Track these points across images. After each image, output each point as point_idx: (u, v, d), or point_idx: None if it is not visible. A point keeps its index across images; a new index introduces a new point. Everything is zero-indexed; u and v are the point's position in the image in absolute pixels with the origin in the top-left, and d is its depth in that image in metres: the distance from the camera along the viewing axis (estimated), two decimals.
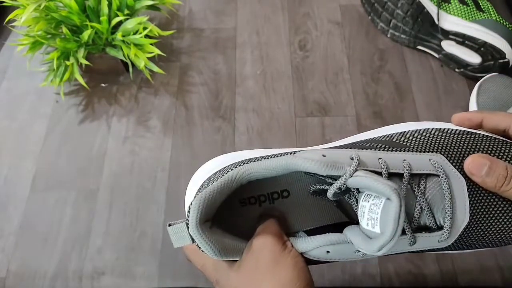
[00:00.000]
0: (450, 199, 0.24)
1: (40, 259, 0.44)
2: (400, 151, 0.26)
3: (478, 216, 0.25)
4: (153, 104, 0.54)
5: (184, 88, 0.55)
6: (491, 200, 0.25)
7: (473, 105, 0.50)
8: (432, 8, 0.52)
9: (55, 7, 0.48)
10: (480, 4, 0.51)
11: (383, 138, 0.28)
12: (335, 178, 0.24)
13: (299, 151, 0.27)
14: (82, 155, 0.50)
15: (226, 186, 0.25)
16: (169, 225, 0.25)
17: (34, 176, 0.48)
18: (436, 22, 0.52)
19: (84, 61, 0.48)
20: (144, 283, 0.43)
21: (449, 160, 0.25)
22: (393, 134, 0.28)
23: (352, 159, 0.24)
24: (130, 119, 0.52)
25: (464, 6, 0.51)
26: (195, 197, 0.24)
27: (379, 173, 0.24)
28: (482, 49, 0.50)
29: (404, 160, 0.25)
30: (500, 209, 0.25)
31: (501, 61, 0.50)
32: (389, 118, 0.52)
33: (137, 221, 0.46)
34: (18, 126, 0.52)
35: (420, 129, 0.28)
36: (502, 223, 0.25)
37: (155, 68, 0.51)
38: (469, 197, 0.24)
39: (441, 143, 0.26)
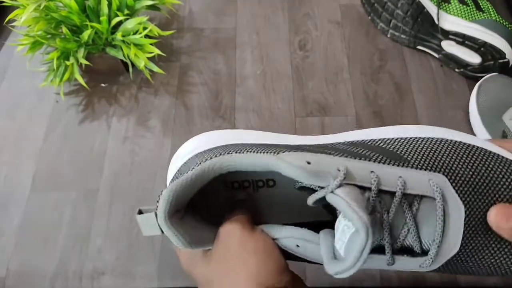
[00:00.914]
0: (442, 226, 0.22)
1: (40, 259, 0.44)
2: (397, 165, 0.23)
3: (470, 248, 0.23)
4: (153, 104, 0.54)
5: (184, 88, 0.55)
6: (489, 232, 0.23)
7: (473, 105, 0.50)
8: (432, 8, 0.52)
9: (55, 7, 0.48)
10: (480, 4, 0.51)
11: (382, 143, 0.26)
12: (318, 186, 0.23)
13: (286, 146, 0.26)
14: (82, 155, 0.50)
15: (201, 176, 0.23)
16: (140, 212, 0.24)
17: (34, 176, 0.48)
18: (436, 22, 0.52)
19: (84, 61, 0.48)
20: (144, 283, 0.43)
21: (451, 183, 0.23)
22: (394, 139, 0.26)
23: (339, 170, 0.22)
24: (130, 119, 0.52)
25: (464, 6, 0.51)
26: (168, 186, 0.23)
27: (368, 189, 0.22)
28: (482, 49, 0.50)
29: (400, 177, 0.22)
30: (496, 243, 0.23)
31: (501, 61, 0.50)
32: (389, 118, 0.52)
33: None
34: (18, 126, 0.52)
35: (425, 138, 0.26)
36: (496, 258, 0.23)
37: (155, 68, 0.51)
38: (464, 227, 0.22)
39: (446, 161, 0.24)
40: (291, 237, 0.24)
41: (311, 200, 0.23)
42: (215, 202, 0.28)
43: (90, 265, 0.43)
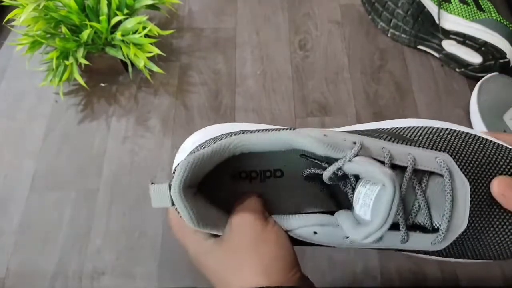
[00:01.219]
0: (451, 201, 0.23)
1: (40, 259, 0.44)
2: (406, 144, 0.24)
3: (476, 224, 0.23)
4: (153, 104, 0.53)
5: (184, 88, 0.55)
6: (493, 210, 0.24)
7: (473, 105, 0.50)
8: (432, 8, 0.52)
9: (54, 6, 0.47)
10: (481, 3, 0.51)
11: (389, 130, 0.27)
12: (332, 161, 0.23)
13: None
14: (81, 155, 0.50)
15: (217, 153, 0.23)
16: (152, 183, 0.23)
17: (33, 176, 0.48)
18: (437, 21, 0.52)
19: (83, 61, 0.48)
20: (144, 283, 0.43)
21: (456, 162, 0.24)
22: (400, 127, 0.27)
23: (354, 143, 0.23)
24: (129, 119, 0.52)
25: (465, 6, 0.51)
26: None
27: (382, 162, 0.23)
28: (482, 48, 0.50)
29: (409, 153, 0.23)
30: (500, 220, 0.24)
31: (501, 60, 0.50)
32: (389, 118, 0.51)
33: (137, 221, 0.45)
34: (18, 126, 0.52)
35: (429, 127, 0.27)
36: (500, 235, 0.24)
37: (155, 68, 0.51)
38: (470, 203, 0.23)
39: (450, 143, 0.25)
40: (307, 225, 0.24)
41: (327, 174, 0.23)
42: (222, 192, 0.28)
43: (90, 265, 0.43)
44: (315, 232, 0.24)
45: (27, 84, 0.55)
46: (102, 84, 0.55)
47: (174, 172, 0.23)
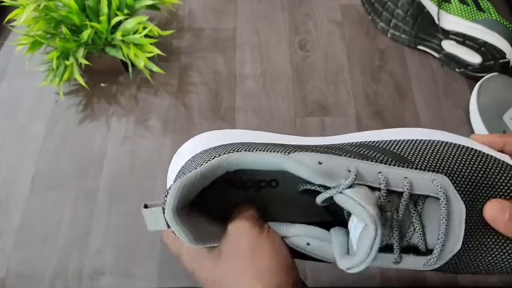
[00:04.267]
0: (446, 226, 0.23)
1: (40, 259, 0.44)
2: (402, 167, 0.24)
3: (470, 245, 0.24)
4: (153, 104, 0.53)
5: (184, 88, 0.55)
6: (486, 230, 0.24)
7: (473, 105, 0.50)
8: (432, 8, 0.52)
9: (54, 6, 0.48)
10: (480, 3, 0.51)
11: (387, 146, 0.26)
12: (327, 187, 0.23)
13: (295, 146, 0.26)
14: (81, 155, 0.50)
15: (210, 172, 0.23)
16: (145, 206, 0.24)
17: (33, 176, 0.48)
18: (437, 21, 0.52)
19: (83, 61, 0.48)
20: (144, 283, 0.43)
21: (453, 183, 0.23)
22: (398, 141, 0.27)
23: (349, 171, 0.23)
24: (129, 119, 0.52)
25: (465, 6, 0.51)
26: (174, 181, 0.23)
27: (377, 189, 0.23)
28: (482, 49, 0.50)
29: (406, 177, 0.23)
30: (493, 240, 0.24)
31: (501, 61, 0.50)
32: (389, 118, 0.52)
33: (137, 221, 0.46)
34: (18, 126, 0.52)
35: (428, 141, 0.26)
36: (494, 256, 0.24)
37: (155, 68, 0.51)
38: (465, 225, 0.23)
39: (448, 162, 0.24)
40: (302, 235, 0.24)
41: (319, 199, 0.23)
42: (217, 201, 0.28)
43: (90, 265, 0.43)
44: (308, 243, 0.24)
45: (27, 84, 0.55)
46: (102, 84, 0.55)
47: (166, 195, 0.22)
